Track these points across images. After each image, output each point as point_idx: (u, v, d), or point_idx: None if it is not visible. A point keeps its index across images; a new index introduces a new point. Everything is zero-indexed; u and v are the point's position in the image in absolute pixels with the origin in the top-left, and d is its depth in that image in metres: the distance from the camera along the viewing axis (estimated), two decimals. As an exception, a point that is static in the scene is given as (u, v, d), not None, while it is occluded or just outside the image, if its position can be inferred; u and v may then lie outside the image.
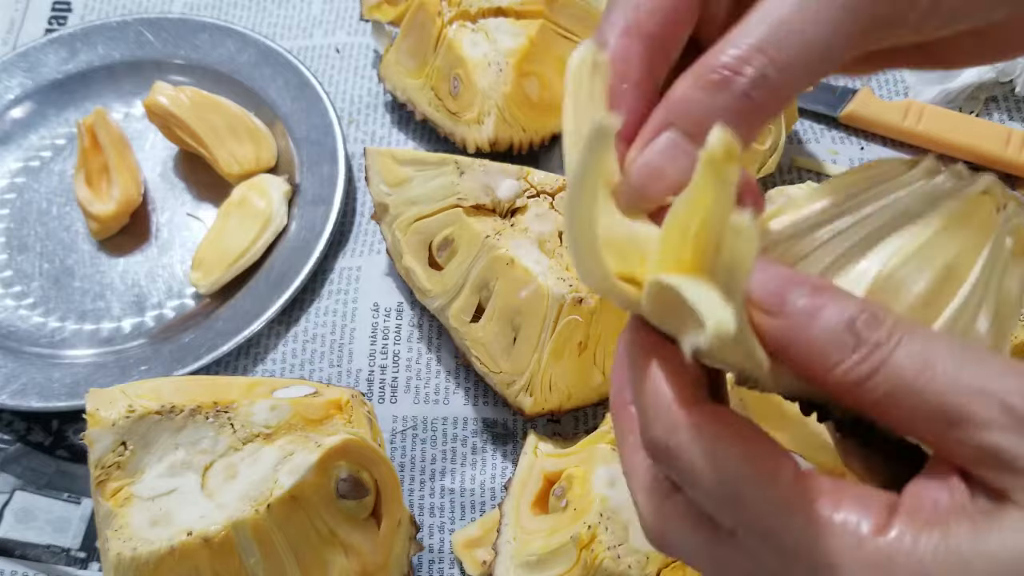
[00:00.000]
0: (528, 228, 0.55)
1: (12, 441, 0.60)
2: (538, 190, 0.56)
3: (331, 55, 0.75)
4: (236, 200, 0.65)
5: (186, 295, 0.65)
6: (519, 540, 0.48)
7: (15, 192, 0.70)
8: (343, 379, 0.60)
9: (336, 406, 0.48)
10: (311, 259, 0.63)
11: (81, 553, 0.56)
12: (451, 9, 0.65)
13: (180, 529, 0.42)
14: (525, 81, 0.64)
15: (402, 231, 0.59)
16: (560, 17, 0.66)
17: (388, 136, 0.71)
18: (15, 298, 0.65)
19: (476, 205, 0.56)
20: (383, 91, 0.73)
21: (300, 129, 0.70)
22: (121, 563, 0.42)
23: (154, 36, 0.75)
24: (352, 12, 0.77)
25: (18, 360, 0.61)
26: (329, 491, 0.45)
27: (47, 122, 0.73)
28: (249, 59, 0.73)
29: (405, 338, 0.61)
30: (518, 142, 0.65)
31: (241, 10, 0.79)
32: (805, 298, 0.25)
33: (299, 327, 0.62)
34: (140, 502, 0.44)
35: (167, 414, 0.46)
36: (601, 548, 0.45)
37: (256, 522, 0.43)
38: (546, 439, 0.54)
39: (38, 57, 0.74)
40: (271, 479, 0.44)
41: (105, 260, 0.67)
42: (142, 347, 0.62)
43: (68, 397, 0.59)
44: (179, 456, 0.45)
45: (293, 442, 0.45)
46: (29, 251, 0.67)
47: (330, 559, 0.45)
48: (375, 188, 0.61)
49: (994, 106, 0.69)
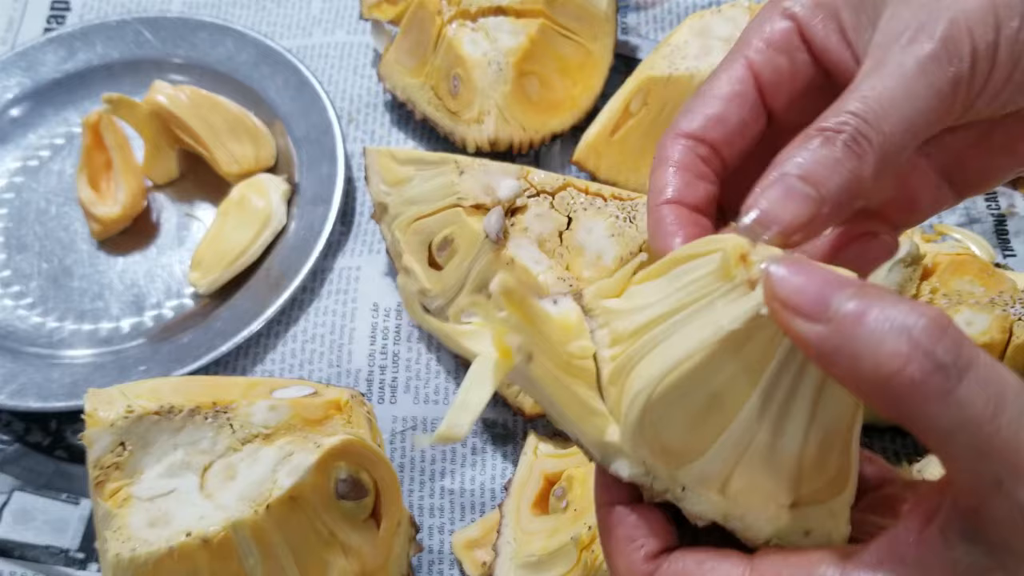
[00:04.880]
0: (528, 228, 0.55)
1: (11, 441, 0.60)
2: (538, 190, 0.56)
3: (331, 54, 0.75)
4: (235, 200, 0.65)
5: (185, 295, 0.65)
6: (519, 541, 0.48)
7: (13, 192, 0.70)
8: (342, 379, 0.60)
9: (335, 406, 0.48)
10: (310, 259, 0.63)
11: (80, 554, 0.55)
12: (451, 8, 0.65)
13: (179, 530, 0.42)
14: (525, 80, 0.64)
15: (402, 231, 0.59)
16: (560, 16, 0.66)
17: (388, 135, 0.71)
18: (14, 298, 0.65)
19: (476, 205, 0.56)
20: (383, 90, 0.72)
21: (299, 128, 0.69)
22: (120, 564, 0.42)
23: (153, 35, 0.75)
24: (352, 11, 0.77)
25: (16, 360, 0.61)
26: (328, 492, 0.44)
27: (46, 122, 0.73)
28: (248, 58, 0.73)
29: (405, 338, 0.61)
30: (518, 141, 0.65)
31: (240, 9, 0.79)
32: (852, 300, 0.25)
33: (298, 327, 0.62)
34: (139, 503, 0.44)
35: (166, 414, 0.45)
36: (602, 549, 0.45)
37: (255, 523, 0.42)
38: (546, 440, 0.54)
39: (37, 56, 0.74)
40: (270, 480, 0.44)
41: (104, 260, 0.66)
42: (141, 347, 0.62)
43: (67, 397, 0.58)
44: (178, 457, 0.45)
45: (292, 442, 0.45)
46: (28, 251, 0.67)
47: (329, 560, 0.45)
48: (375, 188, 0.61)
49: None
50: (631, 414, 0.30)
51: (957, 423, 0.23)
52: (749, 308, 0.27)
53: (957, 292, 0.52)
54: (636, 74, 0.64)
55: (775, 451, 0.28)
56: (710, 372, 0.28)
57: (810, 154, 0.29)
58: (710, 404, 0.28)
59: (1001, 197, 0.65)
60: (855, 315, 0.24)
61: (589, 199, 0.55)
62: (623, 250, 0.54)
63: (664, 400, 0.29)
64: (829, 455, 0.29)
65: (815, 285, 0.25)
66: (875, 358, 0.24)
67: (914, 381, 0.23)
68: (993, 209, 0.64)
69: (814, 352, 0.26)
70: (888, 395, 0.24)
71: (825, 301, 0.25)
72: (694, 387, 0.28)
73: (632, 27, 0.75)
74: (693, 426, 0.29)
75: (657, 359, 0.29)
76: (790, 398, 0.28)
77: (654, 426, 0.29)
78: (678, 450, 0.30)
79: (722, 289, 0.28)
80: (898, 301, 0.25)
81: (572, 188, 0.56)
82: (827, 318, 0.25)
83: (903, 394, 0.24)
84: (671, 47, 0.63)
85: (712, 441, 0.29)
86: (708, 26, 0.63)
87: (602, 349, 0.32)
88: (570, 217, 0.55)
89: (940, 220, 0.64)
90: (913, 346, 0.24)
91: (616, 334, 0.31)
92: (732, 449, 0.29)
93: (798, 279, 0.26)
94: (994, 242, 0.63)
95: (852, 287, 0.25)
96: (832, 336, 0.25)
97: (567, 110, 0.67)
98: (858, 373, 0.25)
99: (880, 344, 0.24)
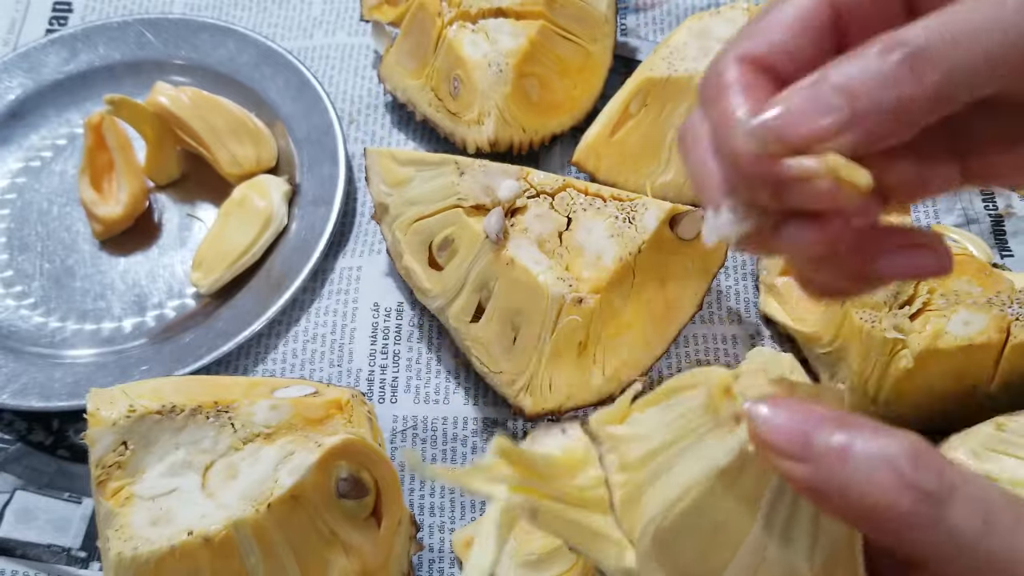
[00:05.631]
0: (528, 228, 0.55)
1: (13, 441, 0.60)
2: (538, 190, 0.56)
3: (332, 55, 0.75)
4: (236, 200, 0.65)
5: (187, 295, 0.65)
6: (519, 539, 0.48)
7: (16, 192, 0.70)
8: (343, 379, 0.60)
9: (336, 406, 0.48)
10: (311, 259, 0.63)
11: (82, 553, 0.56)
12: (451, 10, 0.65)
13: (180, 529, 0.42)
14: (525, 81, 0.65)
15: (402, 231, 0.59)
16: (560, 18, 0.66)
17: (388, 136, 0.72)
18: (16, 298, 0.65)
19: (476, 205, 0.56)
20: (383, 91, 0.73)
21: (300, 129, 0.70)
22: (121, 563, 0.42)
23: (155, 36, 0.75)
24: (352, 12, 0.78)
25: (19, 360, 0.61)
26: (329, 491, 0.45)
27: (48, 122, 0.73)
28: (250, 59, 0.73)
29: (405, 338, 0.61)
30: (518, 142, 0.66)
31: (242, 10, 0.79)
32: (834, 435, 0.25)
33: (299, 327, 0.62)
34: (141, 502, 0.44)
35: (168, 414, 0.46)
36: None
37: (256, 522, 0.43)
38: (546, 439, 0.54)
39: (39, 57, 0.74)
40: (271, 479, 0.44)
41: (106, 260, 0.67)
42: (143, 347, 0.62)
43: (69, 397, 0.59)
44: (180, 456, 0.45)
45: (293, 442, 0.45)
46: (30, 251, 0.67)
47: (330, 558, 0.45)
48: (375, 188, 0.61)
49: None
50: (644, 542, 0.31)
51: (952, 548, 0.24)
52: (735, 446, 0.28)
53: (955, 292, 0.52)
54: (635, 75, 0.64)
55: (785, 572, 0.29)
56: (709, 505, 0.29)
57: (859, 64, 0.25)
58: (716, 531, 0.29)
59: (999, 198, 0.65)
60: (838, 452, 0.25)
61: (589, 200, 0.56)
62: (623, 250, 0.54)
63: (672, 530, 0.30)
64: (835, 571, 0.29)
65: (796, 424, 0.26)
66: (862, 492, 0.24)
67: (903, 512, 0.24)
68: (991, 210, 0.64)
69: (803, 489, 0.26)
70: (880, 526, 0.24)
71: (808, 440, 0.25)
72: (698, 518, 0.29)
73: (632, 29, 0.75)
74: (704, 553, 0.30)
75: (660, 491, 0.30)
76: (790, 523, 0.28)
77: (667, 553, 0.30)
78: (693, 575, 0.30)
79: (709, 424, 0.29)
80: (878, 432, 0.25)
81: (572, 189, 0.56)
82: (811, 457, 0.25)
83: (894, 525, 0.24)
84: (670, 48, 0.63)
85: (724, 566, 0.30)
86: (707, 27, 0.63)
87: (612, 474, 0.33)
88: (570, 218, 0.55)
89: (938, 220, 0.64)
90: (898, 477, 0.24)
91: (624, 460, 0.33)
92: (744, 573, 0.29)
93: (779, 420, 0.26)
94: (991, 242, 0.63)
95: (833, 423, 0.25)
96: (817, 474, 0.25)
97: (567, 111, 0.67)
98: (848, 506, 0.25)
99: (867, 478, 0.24)
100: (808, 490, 0.25)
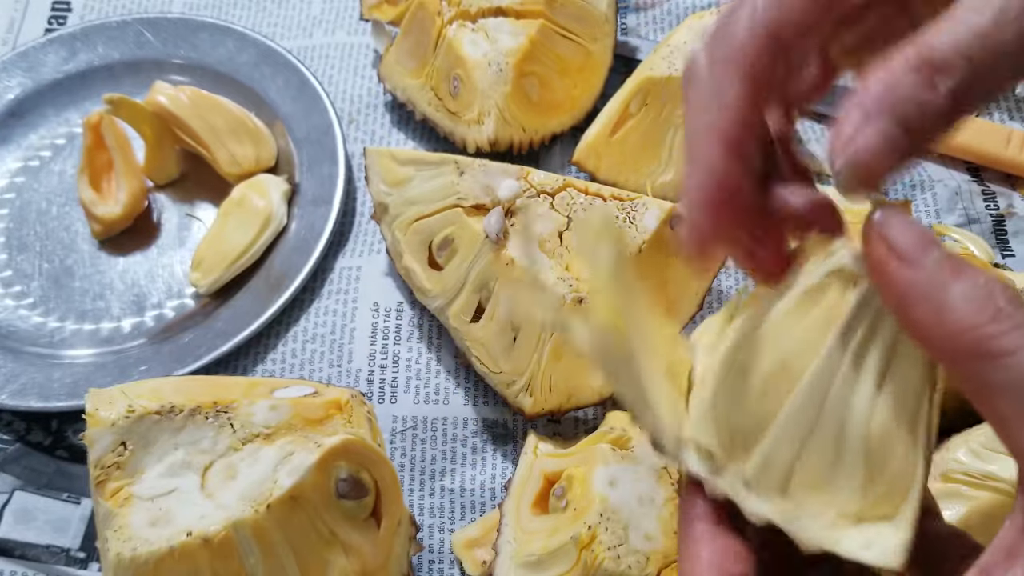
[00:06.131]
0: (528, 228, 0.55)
1: (12, 441, 0.60)
2: (538, 190, 0.56)
3: (331, 55, 0.75)
4: (236, 200, 0.65)
5: (186, 295, 0.65)
6: (519, 540, 0.48)
7: (15, 192, 0.70)
8: (343, 379, 0.60)
9: (336, 406, 0.48)
10: (311, 259, 0.63)
11: (81, 553, 0.56)
12: (451, 9, 0.65)
13: (180, 529, 0.42)
14: (525, 81, 0.64)
15: (402, 231, 0.59)
16: (560, 17, 0.66)
17: (388, 136, 0.71)
18: (15, 298, 0.65)
19: (476, 205, 0.56)
20: (383, 91, 0.73)
21: (300, 129, 0.70)
22: (120, 563, 0.42)
23: (154, 36, 0.75)
24: (352, 12, 0.77)
25: (18, 360, 0.61)
26: (329, 491, 0.45)
27: (47, 122, 0.73)
28: (249, 59, 0.73)
29: (405, 338, 0.61)
30: (518, 142, 0.65)
31: (241, 10, 0.79)
32: (945, 258, 0.25)
33: (299, 327, 0.62)
34: (140, 502, 0.44)
35: (167, 414, 0.46)
36: (601, 548, 0.45)
37: (256, 522, 0.43)
38: (546, 439, 0.54)
39: (38, 57, 0.74)
40: (271, 479, 0.44)
41: (105, 260, 0.67)
42: (142, 347, 0.62)
43: (68, 397, 0.59)
44: (179, 456, 0.45)
45: (293, 442, 0.45)
46: (29, 251, 0.67)
47: (330, 559, 0.45)
48: (375, 188, 0.61)
49: (994, 106, 0.69)
50: (705, 391, 0.31)
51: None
52: (831, 264, 0.29)
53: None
54: (636, 75, 0.64)
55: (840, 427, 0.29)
56: (782, 332, 0.29)
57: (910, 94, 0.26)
58: (780, 370, 0.29)
59: (1000, 198, 0.65)
60: (951, 267, 0.25)
61: (589, 199, 0.56)
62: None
63: (737, 368, 0.30)
64: (896, 435, 0.28)
65: (917, 232, 0.26)
66: (958, 310, 0.24)
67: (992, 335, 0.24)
68: (992, 210, 0.64)
69: (898, 297, 0.26)
70: (966, 352, 0.24)
71: (928, 248, 0.26)
72: (766, 349, 0.29)
73: (632, 28, 0.75)
74: (762, 395, 0.30)
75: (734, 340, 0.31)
76: (864, 346, 0.28)
77: (725, 399, 0.30)
78: (745, 428, 0.30)
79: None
80: (985, 271, 0.25)
81: (572, 188, 0.56)
82: (926, 264, 0.25)
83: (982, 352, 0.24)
84: (671, 48, 0.63)
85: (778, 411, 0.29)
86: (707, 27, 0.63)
87: (695, 373, 0.33)
88: (570, 217, 0.55)
89: (939, 220, 0.64)
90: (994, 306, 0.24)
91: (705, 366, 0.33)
92: (796, 422, 0.29)
93: (903, 224, 0.26)
94: (992, 242, 0.63)
95: (944, 248, 0.26)
96: (924, 282, 0.25)
97: (567, 111, 0.67)
98: (941, 325, 0.25)
99: (969, 300, 0.24)
100: (905, 300, 0.26)
